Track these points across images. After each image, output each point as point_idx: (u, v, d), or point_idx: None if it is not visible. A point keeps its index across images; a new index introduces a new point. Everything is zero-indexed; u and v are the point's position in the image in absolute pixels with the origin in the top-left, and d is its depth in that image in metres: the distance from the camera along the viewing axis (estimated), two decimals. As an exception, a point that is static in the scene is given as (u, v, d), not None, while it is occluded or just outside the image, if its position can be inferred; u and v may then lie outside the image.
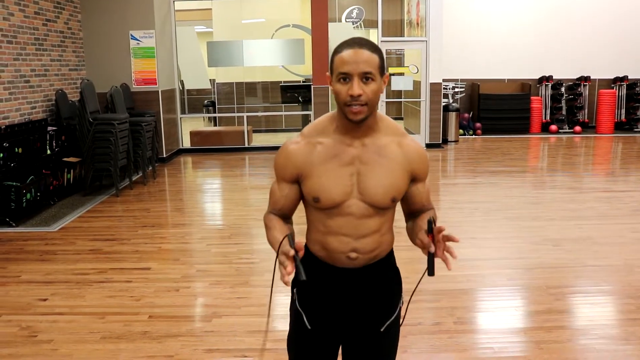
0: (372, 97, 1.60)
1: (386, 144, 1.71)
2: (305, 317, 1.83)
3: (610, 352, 3.12)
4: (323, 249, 1.77)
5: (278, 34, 11.61)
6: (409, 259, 4.65)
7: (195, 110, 13.25)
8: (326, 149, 1.70)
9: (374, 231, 1.73)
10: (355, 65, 1.57)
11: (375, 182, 1.68)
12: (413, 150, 1.74)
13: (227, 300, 3.88)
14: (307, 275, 1.53)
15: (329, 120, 1.73)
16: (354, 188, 1.69)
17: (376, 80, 1.60)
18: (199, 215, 6.51)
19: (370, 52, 1.59)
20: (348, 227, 1.71)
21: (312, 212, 1.77)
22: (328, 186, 1.68)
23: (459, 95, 12.34)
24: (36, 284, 4.24)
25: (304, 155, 1.71)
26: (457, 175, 8.50)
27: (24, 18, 7.19)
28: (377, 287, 1.82)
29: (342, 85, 1.60)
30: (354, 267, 1.76)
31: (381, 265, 1.81)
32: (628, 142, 11.17)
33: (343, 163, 1.68)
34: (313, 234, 1.79)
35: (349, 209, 1.70)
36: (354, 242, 1.72)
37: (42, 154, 6.71)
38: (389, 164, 1.70)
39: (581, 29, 12.44)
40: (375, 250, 1.76)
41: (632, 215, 5.87)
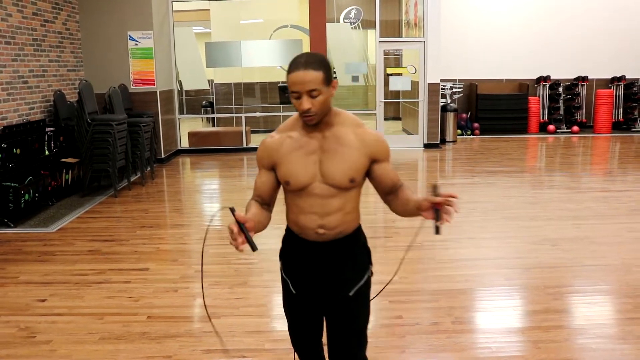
0: (319, 107, 1.93)
1: (343, 134, 2.02)
2: (290, 283, 2.18)
3: (608, 352, 3.13)
4: (297, 226, 2.10)
5: (276, 35, 11.62)
6: (407, 260, 4.67)
7: (194, 111, 13.24)
8: (294, 141, 2.03)
9: (338, 209, 2.03)
10: (302, 86, 1.89)
11: (335, 166, 1.99)
12: (368, 135, 2.04)
13: (226, 301, 3.88)
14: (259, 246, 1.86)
15: (297, 118, 2.07)
16: (317, 172, 2.01)
17: (322, 92, 1.91)
18: (198, 215, 6.52)
19: (314, 71, 1.89)
20: (315, 207, 2.03)
21: (287, 195, 2.10)
22: (296, 172, 2.01)
23: (456, 95, 12.36)
24: (35, 284, 4.25)
25: (277, 147, 2.05)
26: (455, 175, 8.51)
27: (22, 19, 7.19)
28: (344, 258, 2.10)
29: (296, 100, 1.93)
30: (322, 241, 2.06)
31: (347, 240, 2.10)
32: (625, 141, 11.19)
33: (307, 152, 2.01)
34: (290, 214, 2.12)
35: (314, 191, 2.01)
36: (320, 219, 2.03)
37: (41, 154, 6.71)
38: (346, 151, 2.00)
39: (579, 29, 12.46)
40: (340, 227, 2.06)
41: (629, 214, 5.89)
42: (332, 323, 2.17)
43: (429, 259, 4.70)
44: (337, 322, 2.15)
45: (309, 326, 2.24)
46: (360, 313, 2.17)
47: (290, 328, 2.29)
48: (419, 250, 4.94)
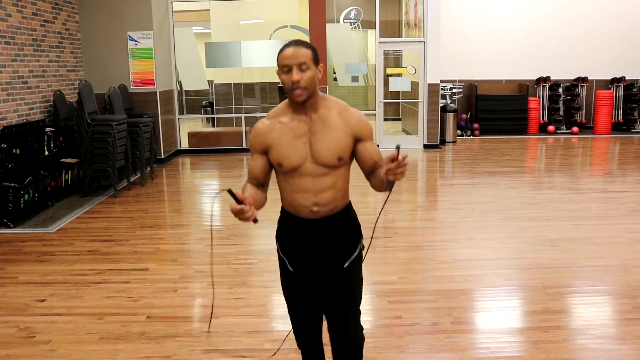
0: (308, 82, 2.07)
1: (329, 116, 2.18)
2: (287, 262, 2.31)
3: (607, 352, 3.13)
4: (291, 205, 2.24)
5: (276, 35, 11.62)
6: (407, 260, 4.68)
7: (193, 111, 13.23)
8: (284, 126, 2.18)
9: (329, 187, 2.18)
10: (293, 59, 2.05)
11: (323, 146, 2.14)
12: (352, 116, 2.20)
13: (225, 301, 3.88)
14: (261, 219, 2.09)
15: (285, 105, 2.22)
16: (307, 154, 2.15)
17: (311, 68, 2.08)
18: (197, 216, 6.52)
19: (304, 48, 2.08)
20: (308, 185, 2.17)
21: (280, 177, 2.24)
22: (287, 154, 2.15)
23: (456, 95, 12.36)
24: (34, 284, 4.25)
25: (268, 132, 2.19)
26: (455, 175, 8.51)
27: (21, 19, 7.19)
28: (337, 233, 2.26)
29: (286, 75, 2.08)
30: (317, 218, 2.21)
31: (339, 217, 2.25)
32: (625, 142, 11.19)
33: (297, 135, 2.16)
34: (283, 195, 2.26)
35: (306, 171, 2.16)
36: (313, 197, 2.18)
37: (40, 155, 6.71)
38: (332, 132, 2.15)
39: (579, 30, 12.47)
40: (332, 203, 2.21)
41: (629, 215, 5.89)
42: (328, 295, 2.29)
43: (429, 259, 4.71)
44: (333, 294, 2.28)
45: (307, 303, 2.35)
46: (354, 283, 2.32)
47: (290, 308, 2.41)
48: (419, 251, 4.94)
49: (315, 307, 2.36)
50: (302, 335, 2.46)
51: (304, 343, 2.49)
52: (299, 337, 2.49)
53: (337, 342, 2.37)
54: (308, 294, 2.33)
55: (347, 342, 2.36)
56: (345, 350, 2.37)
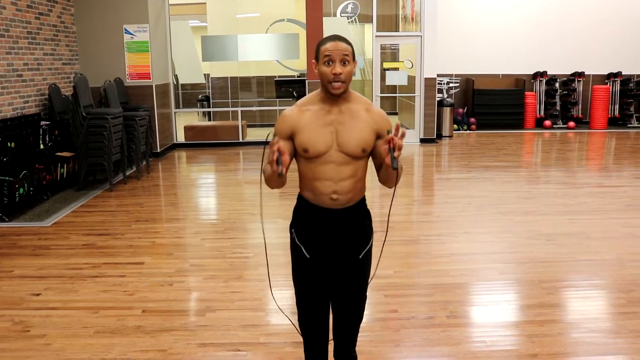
0: (348, 75, 2.19)
1: (357, 109, 2.27)
2: (304, 249, 2.38)
3: (601, 346, 3.14)
4: (311, 192, 2.31)
5: (272, 29, 11.59)
6: (403, 253, 4.68)
7: (190, 105, 13.21)
8: (313, 113, 2.26)
9: (350, 176, 2.27)
10: (337, 52, 2.16)
11: (349, 136, 2.23)
12: (377, 113, 2.30)
13: (221, 295, 3.88)
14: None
15: (315, 95, 2.32)
16: (333, 142, 2.24)
17: (351, 63, 2.19)
18: (193, 209, 6.51)
19: (346, 44, 2.19)
20: (330, 173, 2.25)
21: (302, 163, 2.31)
22: (314, 140, 2.23)
23: (453, 90, 12.35)
24: (29, 278, 4.24)
25: (295, 118, 2.28)
26: (451, 170, 8.52)
27: (16, 11, 7.15)
28: (354, 224, 2.37)
29: (327, 67, 2.17)
30: (335, 207, 2.30)
31: (356, 208, 2.36)
32: (621, 137, 11.21)
33: (325, 124, 2.24)
34: (303, 182, 2.35)
35: (330, 158, 2.24)
36: (334, 185, 2.26)
37: (35, 148, 6.69)
38: (359, 124, 2.25)
39: (575, 25, 12.47)
40: (351, 192, 2.29)
41: (624, 210, 5.90)
42: (340, 282, 2.41)
43: (424, 253, 4.71)
44: (345, 281, 2.41)
45: (319, 290, 2.43)
46: (366, 271, 2.47)
47: (302, 294, 2.47)
48: (415, 245, 4.94)
49: (326, 293, 2.45)
50: (311, 322, 2.50)
51: (311, 331, 2.52)
52: (306, 325, 2.52)
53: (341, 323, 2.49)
54: (322, 280, 2.40)
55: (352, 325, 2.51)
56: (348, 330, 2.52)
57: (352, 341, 2.57)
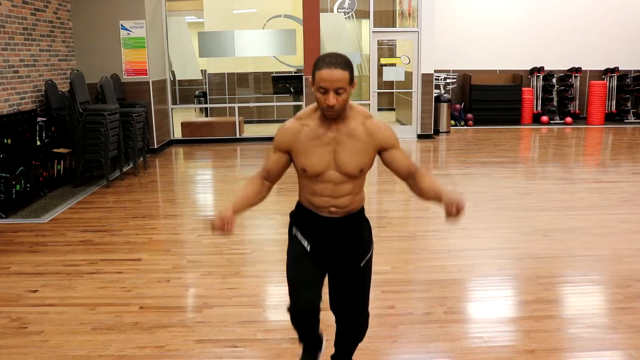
0: (342, 104, 2.16)
1: (355, 127, 2.25)
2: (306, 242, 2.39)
3: (598, 341, 3.15)
4: (310, 204, 2.36)
5: (269, 25, 11.56)
6: (401, 249, 4.69)
7: (187, 101, 13.18)
8: (311, 131, 2.26)
9: (348, 193, 2.31)
10: (330, 83, 2.10)
11: (348, 158, 2.24)
12: (374, 127, 2.27)
13: (218, 291, 3.88)
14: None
15: (314, 109, 2.28)
16: (331, 162, 2.25)
17: (347, 91, 2.14)
18: (190, 206, 6.50)
19: (342, 71, 2.11)
20: (328, 191, 2.29)
21: (302, 179, 2.36)
22: (312, 161, 2.25)
23: (450, 86, 12.34)
24: (26, 275, 4.23)
25: (294, 133, 2.28)
26: (449, 166, 8.52)
27: (11, 7, 7.11)
28: (353, 233, 2.40)
29: (321, 95, 2.14)
30: (334, 217, 2.34)
31: (355, 217, 2.40)
32: (618, 133, 11.23)
33: (323, 144, 2.25)
34: (303, 195, 2.39)
35: (328, 178, 2.27)
36: (333, 200, 2.31)
37: (32, 145, 6.66)
38: (357, 144, 2.25)
39: (572, 21, 12.45)
40: (349, 206, 2.34)
41: (621, 205, 5.91)
42: (343, 288, 2.46)
43: (422, 249, 4.71)
44: (348, 288, 2.45)
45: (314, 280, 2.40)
46: (367, 279, 2.52)
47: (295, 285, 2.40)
48: (412, 241, 4.94)
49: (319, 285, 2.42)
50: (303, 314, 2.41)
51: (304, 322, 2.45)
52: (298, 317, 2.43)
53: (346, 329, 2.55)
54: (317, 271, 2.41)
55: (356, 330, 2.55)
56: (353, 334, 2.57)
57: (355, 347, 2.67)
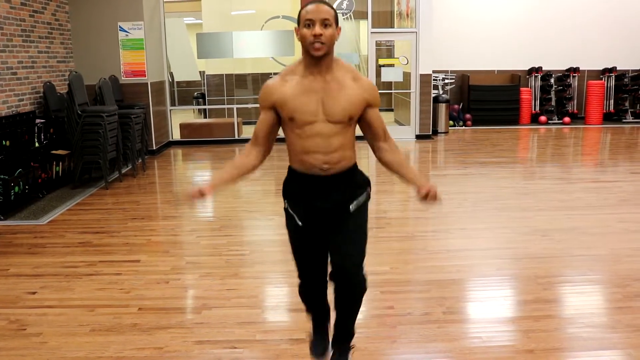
0: (329, 38, 2.16)
1: (343, 77, 2.27)
2: (296, 217, 2.40)
3: (597, 341, 3.15)
4: (301, 164, 2.33)
5: (268, 26, 11.56)
6: (399, 250, 4.69)
7: (185, 103, 13.18)
8: (297, 83, 2.26)
9: (339, 147, 2.29)
10: (317, 14, 2.15)
11: (336, 104, 2.24)
12: (366, 83, 2.32)
13: (217, 292, 3.88)
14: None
15: (298, 63, 2.30)
16: (319, 111, 2.24)
17: (332, 26, 2.17)
18: (189, 207, 6.49)
19: (327, 7, 2.18)
20: (319, 146, 2.27)
21: (291, 137, 2.32)
22: (300, 108, 2.23)
23: (449, 86, 12.35)
24: (25, 277, 4.22)
25: (278, 88, 2.28)
26: (447, 166, 8.53)
27: (10, 9, 7.11)
28: (345, 183, 2.38)
29: (307, 29, 2.15)
30: (326, 175, 2.31)
31: (347, 173, 2.37)
32: (616, 132, 11.24)
33: (310, 92, 2.24)
34: (293, 156, 2.36)
35: (318, 130, 2.25)
36: (324, 156, 2.28)
37: (31, 146, 6.66)
38: (345, 91, 2.25)
39: (570, 20, 12.47)
40: (341, 162, 2.32)
41: (619, 205, 5.92)
42: (335, 240, 2.39)
43: (421, 250, 4.72)
44: (339, 238, 2.38)
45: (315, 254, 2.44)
46: (360, 229, 2.42)
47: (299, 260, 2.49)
48: (411, 241, 4.95)
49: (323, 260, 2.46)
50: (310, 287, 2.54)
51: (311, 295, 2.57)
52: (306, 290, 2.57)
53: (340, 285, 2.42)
54: (317, 245, 2.43)
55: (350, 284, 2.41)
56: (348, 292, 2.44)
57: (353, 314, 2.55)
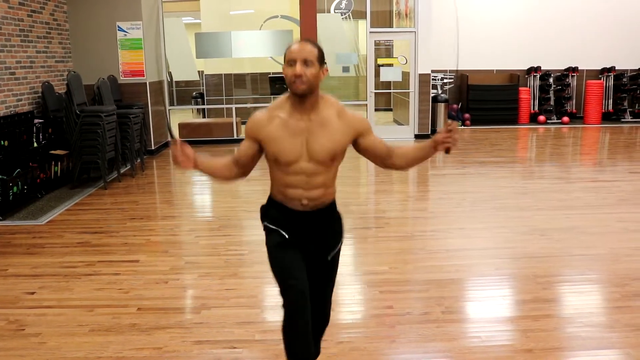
0: (310, 78, 2.15)
1: (327, 116, 2.26)
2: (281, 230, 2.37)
3: (596, 340, 3.16)
4: (282, 197, 2.35)
5: (266, 25, 11.55)
6: (398, 250, 4.69)
7: (184, 102, 13.17)
8: (282, 121, 2.25)
9: (321, 185, 2.31)
10: (299, 54, 2.15)
11: (319, 146, 2.23)
12: (350, 117, 2.30)
13: (216, 292, 3.88)
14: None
15: (285, 99, 2.30)
16: (303, 152, 2.24)
17: (315, 66, 2.16)
18: (188, 207, 6.50)
19: (311, 46, 2.18)
20: (301, 183, 2.28)
21: (274, 171, 2.34)
22: (284, 150, 2.24)
23: (447, 86, 12.36)
24: (24, 277, 4.22)
25: (265, 123, 2.28)
26: (446, 165, 8.52)
27: (8, 9, 7.10)
28: (323, 227, 2.40)
29: (290, 68, 2.16)
30: (305, 210, 2.33)
31: (326, 211, 2.39)
32: (615, 132, 11.25)
33: (295, 133, 2.24)
34: (275, 187, 2.38)
35: (300, 169, 2.26)
36: (305, 192, 2.30)
37: (29, 146, 6.65)
38: (329, 132, 2.24)
39: (569, 20, 12.47)
40: (321, 198, 2.34)
41: (618, 204, 5.92)
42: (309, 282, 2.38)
43: (419, 249, 4.72)
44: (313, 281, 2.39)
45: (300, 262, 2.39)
46: (333, 275, 2.52)
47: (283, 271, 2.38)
48: (410, 241, 4.95)
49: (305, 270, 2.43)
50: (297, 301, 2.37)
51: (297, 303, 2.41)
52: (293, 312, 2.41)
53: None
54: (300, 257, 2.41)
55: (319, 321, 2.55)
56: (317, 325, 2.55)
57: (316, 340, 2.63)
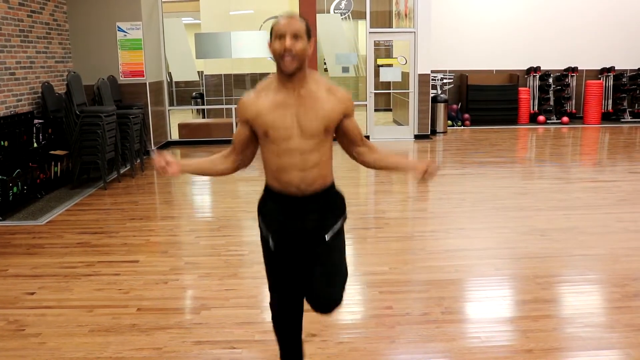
0: (299, 51, 2.12)
1: (316, 90, 2.23)
2: (270, 239, 2.35)
3: (596, 340, 3.16)
4: (277, 182, 2.29)
5: (266, 26, 11.55)
6: (398, 250, 4.69)
7: (184, 103, 13.17)
8: (270, 98, 2.22)
9: (315, 165, 2.25)
10: (288, 27, 2.11)
11: (311, 118, 2.20)
12: (340, 94, 2.28)
13: (216, 293, 3.88)
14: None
15: (272, 78, 2.26)
16: (294, 125, 2.20)
17: (303, 40, 2.13)
18: (188, 207, 6.49)
19: (299, 21, 2.15)
20: (295, 163, 2.22)
21: (267, 154, 2.28)
22: (274, 123, 2.20)
23: (447, 86, 12.36)
24: (23, 277, 4.22)
25: (253, 102, 2.25)
26: (446, 166, 8.52)
27: (7, 9, 7.10)
28: (321, 207, 2.33)
29: (278, 42, 2.12)
30: (302, 195, 2.27)
31: (323, 193, 2.33)
32: (615, 132, 11.25)
33: (284, 107, 2.20)
34: (269, 173, 2.33)
35: (294, 145, 2.20)
36: (300, 173, 2.24)
37: (29, 147, 6.65)
38: (320, 105, 2.21)
39: (569, 20, 12.48)
40: (317, 181, 2.28)
41: (618, 204, 5.92)
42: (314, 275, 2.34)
43: (419, 250, 4.72)
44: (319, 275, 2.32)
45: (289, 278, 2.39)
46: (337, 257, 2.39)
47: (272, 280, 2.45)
48: (409, 241, 4.95)
49: (297, 287, 2.41)
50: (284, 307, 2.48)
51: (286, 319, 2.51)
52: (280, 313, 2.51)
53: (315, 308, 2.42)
54: (290, 270, 2.38)
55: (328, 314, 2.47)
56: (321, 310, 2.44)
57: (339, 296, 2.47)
